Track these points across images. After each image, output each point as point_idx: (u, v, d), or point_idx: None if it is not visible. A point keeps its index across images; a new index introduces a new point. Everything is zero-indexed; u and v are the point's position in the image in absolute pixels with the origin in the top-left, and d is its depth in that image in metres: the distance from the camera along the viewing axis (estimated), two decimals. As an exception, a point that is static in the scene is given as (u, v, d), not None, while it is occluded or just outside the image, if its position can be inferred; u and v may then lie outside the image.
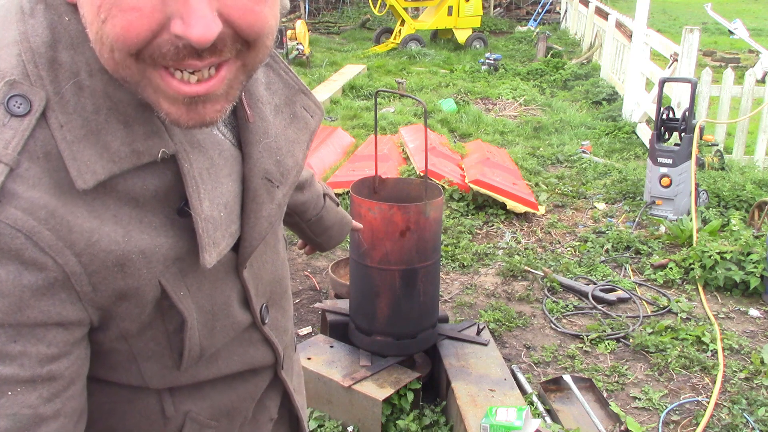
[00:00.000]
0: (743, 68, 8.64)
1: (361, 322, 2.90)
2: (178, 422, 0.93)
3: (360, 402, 2.71)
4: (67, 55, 0.71)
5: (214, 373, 0.93)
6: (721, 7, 11.92)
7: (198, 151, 0.79)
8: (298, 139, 0.94)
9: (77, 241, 0.71)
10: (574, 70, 9.48)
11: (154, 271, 0.78)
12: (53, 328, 0.72)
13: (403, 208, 2.66)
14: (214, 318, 0.87)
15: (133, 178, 0.75)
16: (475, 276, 4.20)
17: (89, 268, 0.72)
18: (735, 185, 5.05)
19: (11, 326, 0.69)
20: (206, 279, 0.85)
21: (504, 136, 6.95)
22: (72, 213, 0.71)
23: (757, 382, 3.19)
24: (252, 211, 0.86)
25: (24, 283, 0.69)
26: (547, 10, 14.12)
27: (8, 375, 0.70)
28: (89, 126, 0.71)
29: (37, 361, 0.72)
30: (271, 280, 0.99)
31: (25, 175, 0.68)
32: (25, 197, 0.68)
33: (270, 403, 1.08)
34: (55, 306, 0.71)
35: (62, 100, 0.70)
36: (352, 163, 5.48)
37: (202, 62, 0.68)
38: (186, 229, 0.79)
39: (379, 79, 9.12)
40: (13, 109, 0.68)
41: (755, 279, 3.85)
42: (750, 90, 6.03)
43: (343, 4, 15.62)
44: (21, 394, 0.71)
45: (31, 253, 0.68)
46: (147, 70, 0.68)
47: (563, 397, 3.01)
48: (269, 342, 1.00)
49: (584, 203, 5.32)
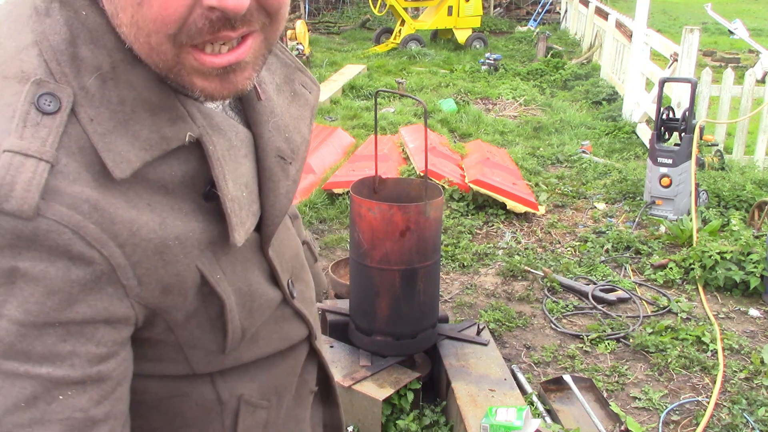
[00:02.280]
0: (743, 68, 8.64)
1: (361, 322, 2.90)
2: (233, 406, 0.94)
3: (360, 402, 2.71)
4: (87, 49, 0.72)
5: (256, 353, 0.94)
6: (721, 7, 11.92)
7: (218, 133, 0.81)
8: (301, 116, 0.97)
9: (120, 233, 0.72)
10: (574, 70, 9.47)
11: (191, 256, 0.79)
12: (102, 327, 0.72)
13: (403, 208, 2.66)
14: (251, 298, 0.89)
15: (161, 165, 0.76)
16: (475, 276, 4.20)
17: (132, 258, 0.73)
18: (735, 185, 5.05)
19: (61, 325, 0.69)
20: (237, 261, 0.86)
21: (504, 136, 6.95)
22: (112, 205, 0.71)
23: (757, 382, 3.19)
24: (270, 189, 0.88)
25: (72, 279, 0.69)
26: (547, 10, 14.12)
27: (60, 377, 0.70)
28: (117, 117, 0.73)
29: (87, 361, 0.72)
30: (291, 255, 1.02)
31: (65, 171, 0.69)
32: (68, 192, 0.69)
33: (309, 377, 1.11)
34: (103, 301, 0.72)
35: (88, 94, 0.72)
36: (352, 163, 5.48)
37: (235, 32, 0.72)
38: (212, 213, 0.81)
39: (379, 79, 9.12)
40: (44, 107, 0.69)
41: (755, 279, 3.85)
42: (750, 90, 6.03)
43: (343, 4, 15.62)
44: (72, 398, 0.70)
45: (78, 248, 0.69)
46: (181, 52, 0.71)
47: (563, 397, 3.01)
48: (301, 315, 1.02)
49: (584, 203, 5.32)
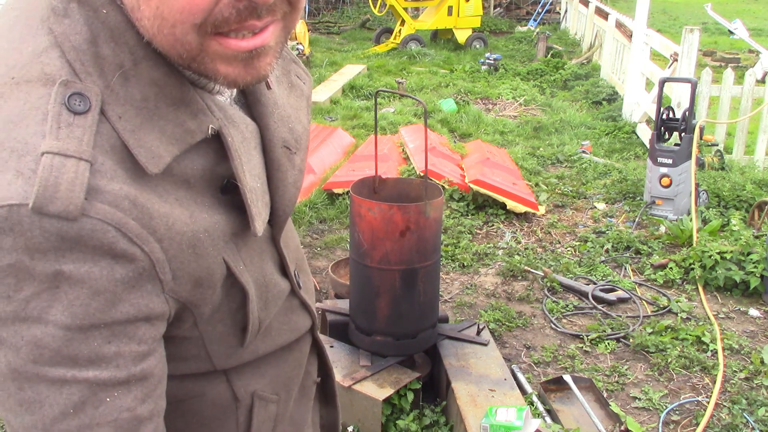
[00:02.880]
0: (743, 68, 8.64)
1: (361, 322, 2.90)
2: (248, 403, 0.95)
3: (360, 402, 2.71)
4: (108, 48, 0.72)
5: (270, 345, 0.95)
6: (721, 7, 11.92)
7: (233, 125, 0.82)
8: (299, 106, 0.98)
9: (158, 227, 0.72)
10: (574, 70, 9.47)
11: (218, 248, 0.80)
12: (142, 324, 0.73)
13: (403, 208, 2.66)
14: (267, 289, 0.90)
15: (184, 160, 0.77)
16: (475, 276, 4.20)
17: (169, 253, 0.73)
18: (735, 185, 5.05)
19: (106, 326, 0.69)
20: (255, 252, 0.87)
21: (504, 136, 6.94)
22: (149, 200, 0.72)
23: (757, 382, 3.19)
24: (279, 180, 0.89)
25: (117, 278, 0.69)
26: (547, 10, 14.12)
27: (106, 379, 0.70)
28: (143, 114, 0.73)
29: (131, 360, 0.72)
30: (294, 246, 1.03)
31: (102, 169, 0.69)
32: (108, 190, 0.69)
33: (311, 368, 1.11)
34: (143, 298, 0.72)
35: (113, 92, 0.72)
36: (352, 163, 5.48)
37: (260, 21, 0.72)
38: (230, 206, 0.82)
39: (379, 79, 9.12)
40: (75, 107, 0.69)
41: (755, 279, 3.85)
42: (750, 90, 6.03)
43: (343, 4, 15.62)
44: (118, 398, 0.71)
45: (122, 245, 0.69)
46: (205, 41, 0.71)
47: (563, 397, 3.01)
48: (305, 306, 1.02)
49: (584, 203, 5.32)
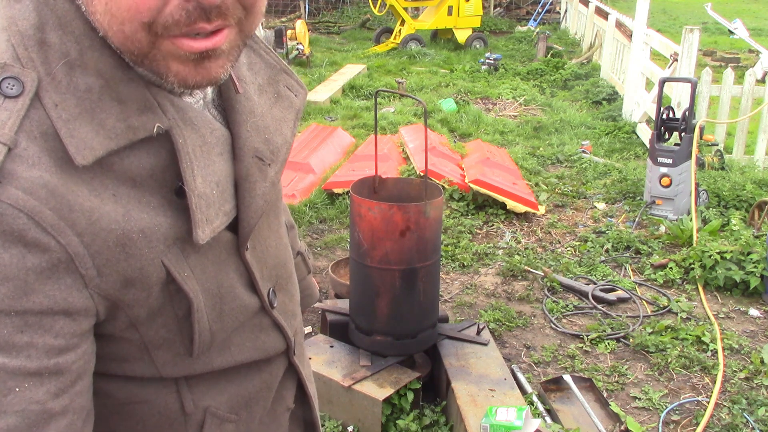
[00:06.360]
0: (743, 68, 8.63)
1: (361, 322, 2.90)
2: (198, 419, 0.92)
3: (360, 402, 2.71)
4: (55, 35, 0.72)
5: (228, 361, 0.93)
6: (721, 7, 11.91)
7: (190, 128, 0.80)
8: (284, 118, 0.96)
9: (78, 221, 0.71)
10: (574, 70, 9.47)
11: (156, 251, 0.78)
12: (60, 318, 0.72)
13: (403, 208, 2.66)
14: (221, 301, 0.87)
15: (129, 156, 0.75)
16: (475, 276, 4.20)
17: (92, 248, 0.72)
18: (735, 185, 5.05)
19: (17, 314, 0.69)
20: (209, 261, 0.85)
21: (504, 136, 6.94)
22: (72, 192, 0.71)
23: (757, 382, 3.19)
24: (246, 189, 0.87)
25: (28, 266, 0.68)
26: (547, 10, 14.12)
27: (15, 367, 0.69)
28: (83, 105, 0.72)
29: (45, 352, 0.71)
30: (276, 264, 1.00)
31: (24, 155, 0.68)
32: (25, 177, 0.68)
33: (286, 393, 1.08)
34: (61, 291, 0.71)
35: (54, 80, 0.71)
36: (352, 163, 5.48)
37: (210, 25, 0.72)
38: (184, 210, 0.80)
39: (379, 79, 9.12)
40: (6, 90, 0.69)
41: (755, 279, 3.85)
42: (750, 90, 6.03)
43: (343, 4, 15.61)
44: (29, 390, 0.70)
45: (33, 234, 0.68)
46: (158, 40, 0.71)
47: (563, 397, 3.01)
48: (279, 327, 0.99)
49: (584, 203, 5.32)
